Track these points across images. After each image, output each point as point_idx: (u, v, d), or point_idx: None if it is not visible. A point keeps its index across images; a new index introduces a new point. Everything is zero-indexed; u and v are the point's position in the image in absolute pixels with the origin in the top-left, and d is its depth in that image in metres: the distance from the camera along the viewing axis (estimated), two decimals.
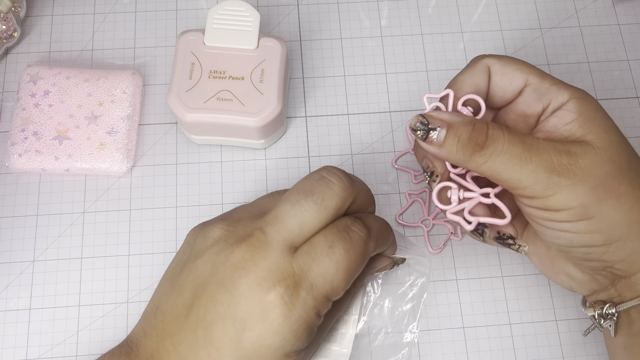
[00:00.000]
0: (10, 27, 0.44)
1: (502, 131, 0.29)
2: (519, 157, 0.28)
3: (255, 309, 0.29)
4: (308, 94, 0.45)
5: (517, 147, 0.29)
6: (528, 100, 0.32)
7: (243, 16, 0.40)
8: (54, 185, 0.42)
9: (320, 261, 0.29)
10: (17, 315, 0.39)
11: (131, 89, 0.42)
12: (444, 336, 0.39)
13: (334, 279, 0.29)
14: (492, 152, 0.29)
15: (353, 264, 0.30)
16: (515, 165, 0.29)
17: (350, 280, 0.30)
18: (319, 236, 0.30)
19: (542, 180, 0.28)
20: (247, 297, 0.29)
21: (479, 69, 0.32)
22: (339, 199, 0.30)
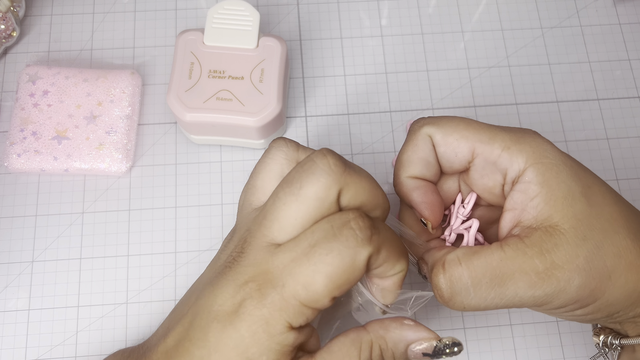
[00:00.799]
0: (9, 26, 0.44)
1: (461, 277, 0.27)
2: (496, 292, 0.27)
3: (227, 304, 0.27)
4: (308, 94, 0.45)
5: (486, 282, 0.27)
6: (482, 172, 0.30)
7: (243, 16, 0.40)
8: (53, 185, 0.42)
9: (297, 260, 0.25)
10: (16, 316, 0.39)
11: (130, 88, 0.42)
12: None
13: (311, 284, 0.25)
14: (464, 299, 0.28)
15: (336, 270, 0.25)
16: (496, 300, 0.27)
17: (336, 289, 0.26)
18: (307, 231, 0.26)
19: (528, 301, 0.27)
20: (223, 291, 0.27)
21: (422, 141, 0.30)
22: (319, 185, 0.26)
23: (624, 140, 0.44)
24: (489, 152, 0.29)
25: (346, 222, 0.26)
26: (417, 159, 0.30)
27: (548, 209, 0.27)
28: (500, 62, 0.46)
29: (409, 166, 0.30)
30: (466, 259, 0.27)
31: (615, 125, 0.44)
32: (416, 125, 0.30)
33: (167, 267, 0.40)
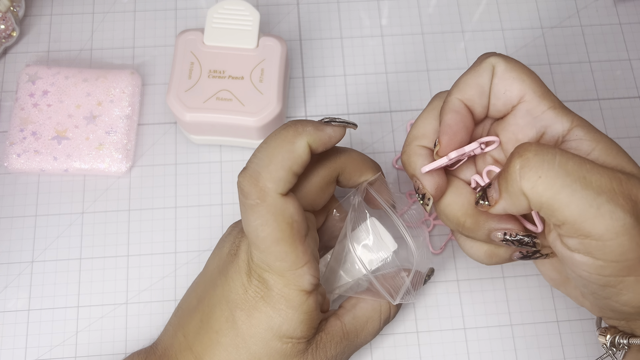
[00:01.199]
0: (9, 26, 0.44)
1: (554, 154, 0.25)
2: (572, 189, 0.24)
3: (240, 290, 0.30)
4: (308, 94, 0.45)
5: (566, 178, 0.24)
6: (520, 122, 0.29)
7: (243, 15, 0.40)
8: (53, 185, 0.42)
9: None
10: (16, 316, 0.39)
11: (130, 88, 0.42)
12: (444, 337, 0.39)
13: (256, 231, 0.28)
14: (542, 174, 0.24)
15: (266, 145, 0.29)
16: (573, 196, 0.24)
17: (275, 170, 0.28)
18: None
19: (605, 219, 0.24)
20: (234, 279, 0.30)
21: (484, 69, 0.29)
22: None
23: (625, 140, 0.44)
24: (535, 104, 0.28)
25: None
26: (474, 84, 0.29)
27: (612, 160, 0.26)
28: None
29: (465, 88, 0.29)
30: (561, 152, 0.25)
31: (615, 125, 0.44)
32: (483, 55, 0.30)
33: (167, 267, 0.40)
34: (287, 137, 0.29)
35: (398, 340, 0.39)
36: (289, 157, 0.28)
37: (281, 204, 0.28)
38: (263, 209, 0.28)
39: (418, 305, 0.40)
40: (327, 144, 0.30)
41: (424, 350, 0.39)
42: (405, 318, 0.39)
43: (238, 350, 0.30)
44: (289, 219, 0.28)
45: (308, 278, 0.29)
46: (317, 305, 0.30)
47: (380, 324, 0.33)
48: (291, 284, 0.29)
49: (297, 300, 0.29)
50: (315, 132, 0.29)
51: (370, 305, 0.33)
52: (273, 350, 0.29)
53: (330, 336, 0.31)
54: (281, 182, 0.28)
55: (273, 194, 0.28)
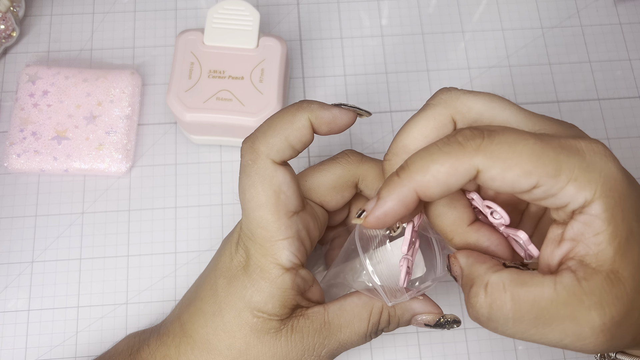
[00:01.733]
0: (9, 26, 0.44)
1: (507, 299, 0.24)
2: (538, 331, 0.24)
3: (227, 259, 0.30)
4: (308, 94, 0.45)
5: (530, 315, 0.23)
6: (534, 198, 0.25)
7: (243, 15, 0.40)
8: (53, 185, 0.42)
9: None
10: (16, 316, 0.39)
11: (130, 88, 0.42)
12: (445, 337, 0.39)
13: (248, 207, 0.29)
14: (504, 324, 0.24)
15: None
16: (535, 337, 0.24)
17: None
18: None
19: (573, 349, 0.24)
20: (225, 248, 0.31)
21: (463, 170, 0.24)
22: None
23: (625, 140, 0.44)
24: (552, 185, 0.23)
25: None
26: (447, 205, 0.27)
27: (611, 251, 0.23)
28: (500, 62, 0.46)
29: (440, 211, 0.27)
30: (512, 287, 0.24)
31: (615, 125, 0.44)
32: (463, 154, 0.24)
33: (167, 267, 0.40)
34: (290, 111, 0.29)
35: (398, 340, 0.39)
36: (286, 127, 0.29)
37: (271, 169, 0.28)
38: (252, 170, 0.29)
39: None
40: (331, 124, 0.29)
41: (424, 351, 0.39)
42: None
43: (214, 317, 0.30)
44: (276, 187, 0.28)
45: (287, 254, 0.29)
46: (294, 284, 0.29)
47: (368, 325, 0.30)
48: (268, 255, 0.29)
49: (272, 273, 0.29)
50: (319, 109, 0.29)
51: (362, 301, 0.31)
52: (244, 322, 0.29)
53: (310, 322, 0.30)
54: (274, 148, 0.28)
55: (264, 157, 0.28)
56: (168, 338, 0.31)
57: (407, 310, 0.31)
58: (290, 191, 0.29)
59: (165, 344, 0.31)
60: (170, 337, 0.31)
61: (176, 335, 0.31)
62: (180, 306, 0.33)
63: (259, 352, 0.30)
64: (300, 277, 0.30)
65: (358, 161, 0.32)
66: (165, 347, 0.31)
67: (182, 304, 0.33)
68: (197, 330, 0.30)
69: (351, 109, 0.30)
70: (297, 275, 0.29)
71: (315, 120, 0.29)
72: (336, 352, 0.31)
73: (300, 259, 0.29)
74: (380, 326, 0.31)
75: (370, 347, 0.39)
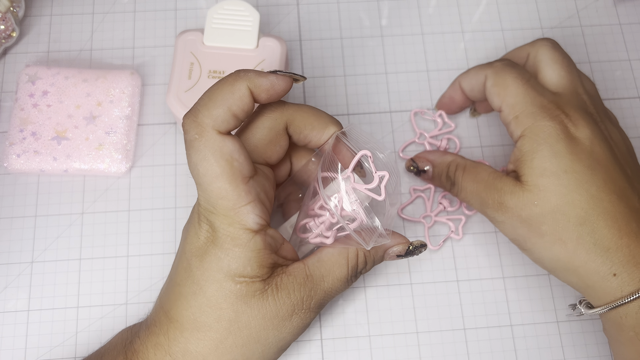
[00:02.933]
0: (9, 27, 0.44)
1: (460, 173, 0.38)
2: (475, 194, 0.36)
3: (194, 238, 0.31)
4: (308, 94, 0.45)
5: (470, 185, 0.37)
6: (503, 121, 0.37)
7: (242, 16, 0.40)
8: (53, 185, 0.42)
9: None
10: (16, 316, 0.39)
11: (130, 89, 0.42)
12: (445, 338, 0.39)
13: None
14: (458, 190, 0.38)
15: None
16: (473, 201, 0.37)
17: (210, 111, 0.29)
18: None
19: (488, 214, 0.36)
20: (189, 230, 0.31)
21: (479, 75, 0.38)
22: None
23: None
24: (508, 112, 0.36)
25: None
26: (468, 82, 0.40)
27: (521, 171, 0.35)
28: None
29: (466, 78, 0.40)
30: (467, 171, 0.38)
31: None
32: (492, 63, 0.38)
33: (167, 267, 0.40)
34: (228, 81, 0.30)
35: (398, 340, 0.39)
36: (227, 98, 0.29)
37: (219, 140, 0.29)
38: (201, 144, 0.29)
39: (418, 306, 0.40)
40: (270, 91, 0.30)
41: (424, 351, 0.39)
42: (405, 318, 0.39)
43: (196, 297, 0.30)
44: (228, 156, 0.29)
45: (252, 217, 0.29)
46: (266, 244, 0.30)
47: (347, 269, 0.32)
48: (235, 223, 0.29)
49: (242, 238, 0.29)
50: (257, 77, 0.30)
51: (337, 250, 0.32)
52: (228, 291, 0.30)
53: (292, 277, 0.31)
54: (219, 119, 0.29)
55: (210, 129, 0.29)
56: (156, 327, 0.31)
57: (380, 248, 0.33)
58: (242, 158, 0.29)
59: (154, 333, 0.31)
60: (158, 326, 0.31)
61: (163, 323, 0.31)
62: (160, 297, 0.33)
63: (249, 316, 0.30)
64: (269, 236, 0.30)
65: (281, 107, 0.32)
66: (154, 336, 0.31)
67: (161, 294, 0.33)
68: (181, 313, 0.30)
69: (287, 75, 0.31)
70: (266, 235, 0.30)
71: (254, 88, 0.30)
72: (323, 301, 0.32)
73: (265, 219, 0.30)
74: (358, 268, 0.33)
75: (370, 347, 0.39)
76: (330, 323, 0.39)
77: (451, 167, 0.39)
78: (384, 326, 0.39)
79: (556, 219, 0.33)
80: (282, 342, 0.31)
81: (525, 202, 0.33)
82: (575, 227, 0.32)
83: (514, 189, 0.34)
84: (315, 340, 0.39)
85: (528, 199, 0.33)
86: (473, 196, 0.36)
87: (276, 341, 0.31)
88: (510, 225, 0.34)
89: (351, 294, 0.40)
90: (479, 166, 0.37)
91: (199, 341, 0.30)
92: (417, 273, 0.40)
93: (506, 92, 0.36)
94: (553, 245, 0.33)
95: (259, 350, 0.31)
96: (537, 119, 0.34)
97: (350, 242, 0.32)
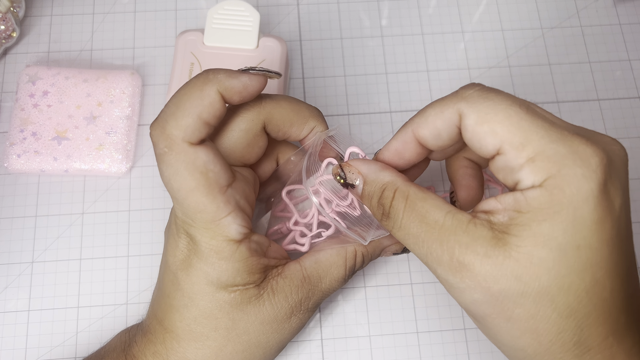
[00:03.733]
0: (9, 27, 0.44)
1: (400, 203, 0.26)
2: (420, 242, 0.25)
3: (175, 250, 0.30)
4: (308, 94, 0.45)
5: (415, 227, 0.25)
6: (500, 174, 0.26)
7: (243, 16, 0.40)
8: (53, 186, 0.42)
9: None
10: (16, 316, 0.39)
11: (130, 89, 0.42)
12: (445, 338, 0.39)
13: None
14: (393, 225, 0.27)
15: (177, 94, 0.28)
16: (415, 248, 0.26)
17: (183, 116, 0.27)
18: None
19: (438, 273, 0.25)
20: (169, 241, 0.30)
21: (448, 115, 0.26)
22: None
23: (625, 140, 0.44)
24: (513, 157, 0.24)
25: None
26: (432, 126, 0.27)
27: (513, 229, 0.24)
28: (500, 63, 0.46)
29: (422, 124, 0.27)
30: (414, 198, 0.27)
31: (615, 125, 0.44)
32: (457, 93, 0.26)
33: None
34: (196, 85, 0.27)
35: (398, 340, 0.39)
36: (197, 105, 0.27)
37: (191, 152, 0.27)
38: (172, 157, 0.27)
39: (418, 305, 0.40)
40: (243, 93, 0.28)
41: (424, 351, 0.39)
42: (405, 318, 0.39)
43: (188, 309, 0.29)
44: (202, 167, 0.27)
45: (234, 227, 0.28)
46: (252, 251, 0.29)
47: (345, 270, 0.31)
48: (217, 235, 0.28)
49: (227, 250, 0.28)
50: (227, 79, 0.27)
51: (335, 250, 0.31)
52: (221, 301, 0.29)
53: (289, 280, 0.30)
54: (189, 129, 0.27)
55: (180, 142, 0.27)
56: (152, 335, 0.31)
57: (377, 247, 0.32)
58: (217, 167, 0.28)
59: (151, 341, 0.31)
60: (154, 334, 0.31)
61: (158, 332, 0.31)
62: (152, 304, 0.32)
63: (246, 322, 0.30)
64: (254, 242, 0.29)
65: (257, 106, 0.30)
66: (152, 345, 0.31)
67: (153, 301, 0.32)
68: (175, 325, 0.30)
69: (260, 73, 0.29)
70: (251, 242, 0.29)
71: (225, 91, 0.27)
72: (320, 300, 0.32)
73: (247, 227, 0.29)
74: (356, 267, 0.32)
75: (370, 347, 0.39)
76: (331, 323, 0.39)
77: (387, 191, 0.27)
78: (384, 326, 0.39)
79: (538, 305, 0.24)
80: (282, 343, 0.31)
81: (505, 272, 0.23)
82: (560, 318, 0.24)
83: (491, 250, 0.24)
84: (316, 340, 0.39)
85: (510, 269, 0.23)
86: (416, 243, 0.26)
87: (276, 342, 0.31)
88: (469, 297, 0.24)
89: (351, 294, 0.40)
90: (429, 199, 0.26)
91: (197, 350, 0.30)
92: (417, 273, 0.40)
93: (504, 127, 0.24)
94: (522, 335, 0.24)
95: (259, 353, 0.31)
96: (568, 164, 0.23)
97: (347, 239, 0.32)
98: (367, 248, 0.32)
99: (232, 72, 0.28)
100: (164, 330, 0.31)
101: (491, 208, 0.25)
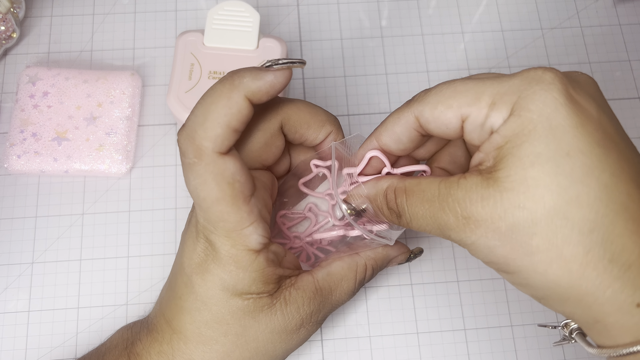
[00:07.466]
0: (9, 27, 0.44)
1: (402, 198, 0.28)
2: (429, 218, 0.26)
3: (192, 253, 0.30)
4: (308, 95, 0.45)
5: (421, 209, 0.26)
6: (474, 136, 0.26)
7: (243, 17, 0.40)
8: (53, 186, 0.42)
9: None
10: (16, 317, 0.39)
11: (130, 89, 0.42)
12: (445, 338, 0.39)
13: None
14: (407, 220, 0.28)
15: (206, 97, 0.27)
16: (430, 227, 0.26)
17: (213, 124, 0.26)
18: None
19: (453, 238, 0.26)
20: (187, 243, 0.30)
21: (404, 120, 0.28)
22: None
23: None
24: (475, 113, 0.25)
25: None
26: (391, 132, 0.29)
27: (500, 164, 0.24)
28: (500, 63, 0.46)
29: (383, 133, 0.29)
30: (411, 191, 0.28)
31: None
32: (410, 101, 0.28)
33: (168, 268, 0.40)
34: (223, 93, 0.27)
35: (398, 341, 0.39)
36: (225, 114, 0.26)
37: (220, 163, 0.27)
38: (201, 168, 0.27)
39: (418, 306, 0.40)
40: (270, 92, 0.28)
41: (424, 351, 0.39)
42: (405, 319, 0.39)
43: (200, 312, 0.30)
44: (229, 178, 0.27)
45: (255, 237, 0.28)
46: (269, 262, 0.29)
47: (355, 283, 0.32)
48: (238, 245, 0.28)
49: (245, 260, 0.28)
50: (253, 82, 0.27)
51: (347, 264, 0.32)
52: (235, 307, 0.29)
53: (302, 292, 0.30)
54: (218, 139, 0.27)
55: (210, 152, 0.27)
56: (158, 334, 0.31)
57: (385, 259, 0.33)
58: (243, 177, 0.28)
59: (156, 340, 0.31)
60: (160, 333, 0.31)
61: (165, 331, 0.31)
62: (161, 302, 0.32)
63: (256, 330, 0.30)
64: (272, 252, 0.30)
65: (275, 106, 0.30)
66: (157, 344, 0.31)
67: (162, 300, 0.32)
68: (185, 327, 0.30)
69: (285, 66, 0.28)
70: (269, 252, 0.29)
71: (252, 95, 0.27)
72: (328, 313, 0.32)
73: (267, 236, 0.29)
74: (365, 281, 0.33)
75: (371, 347, 0.39)
76: (331, 323, 0.39)
77: (389, 195, 0.29)
78: (385, 327, 0.39)
79: (554, 227, 0.22)
80: (287, 352, 0.32)
81: (506, 206, 0.23)
82: (582, 236, 0.22)
83: (484, 191, 0.24)
84: (316, 340, 0.39)
85: (509, 201, 0.23)
86: (427, 221, 0.26)
87: (282, 352, 0.31)
88: (485, 246, 0.24)
89: None
90: (422, 181, 0.27)
91: (204, 353, 0.30)
92: (417, 273, 0.40)
93: (455, 98, 0.25)
94: (549, 267, 0.23)
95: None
96: (525, 87, 0.24)
97: (360, 247, 0.32)
98: (376, 260, 0.33)
99: (257, 73, 0.27)
100: (172, 331, 0.31)
101: (477, 161, 0.25)
